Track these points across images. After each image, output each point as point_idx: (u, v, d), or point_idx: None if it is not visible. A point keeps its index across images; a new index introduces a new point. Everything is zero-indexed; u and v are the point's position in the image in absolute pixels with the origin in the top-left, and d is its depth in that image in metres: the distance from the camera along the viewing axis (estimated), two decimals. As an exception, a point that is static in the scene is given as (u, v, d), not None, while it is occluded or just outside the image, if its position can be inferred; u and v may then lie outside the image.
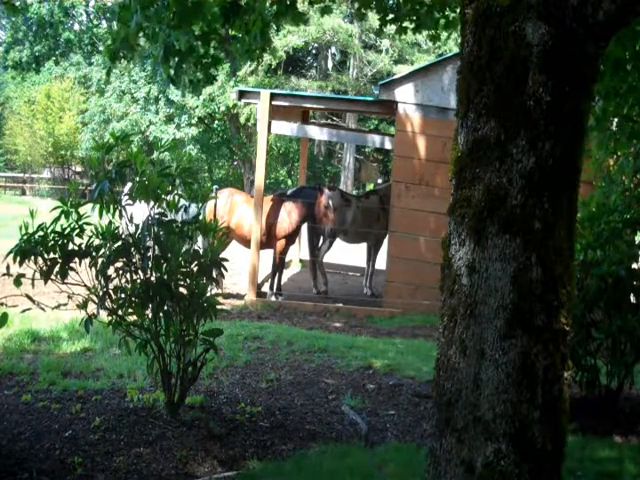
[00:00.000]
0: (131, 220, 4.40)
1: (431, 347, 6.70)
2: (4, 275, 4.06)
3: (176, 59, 5.01)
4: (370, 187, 25.72)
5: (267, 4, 5.19)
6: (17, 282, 4.00)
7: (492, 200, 2.29)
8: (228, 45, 5.50)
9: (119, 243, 4.30)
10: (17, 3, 5.26)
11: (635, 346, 4.95)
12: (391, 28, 6.42)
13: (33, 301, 4.07)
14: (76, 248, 4.22)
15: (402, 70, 20.71)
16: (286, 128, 11.26)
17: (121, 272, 4.36)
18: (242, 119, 28.63)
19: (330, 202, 10.28)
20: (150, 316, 4.41)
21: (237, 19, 5.05)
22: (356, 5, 6.03)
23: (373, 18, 7.53)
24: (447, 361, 2.39)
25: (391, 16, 5.98)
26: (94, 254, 4.27)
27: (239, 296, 10.60)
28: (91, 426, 4.36)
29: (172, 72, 5.12)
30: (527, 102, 2.25)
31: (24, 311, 4.16)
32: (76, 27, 42.50)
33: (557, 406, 2.31)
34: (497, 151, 2.29)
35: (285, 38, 26.80)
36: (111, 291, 4.32)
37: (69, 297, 4.23)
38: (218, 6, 4.92)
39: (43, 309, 4.22)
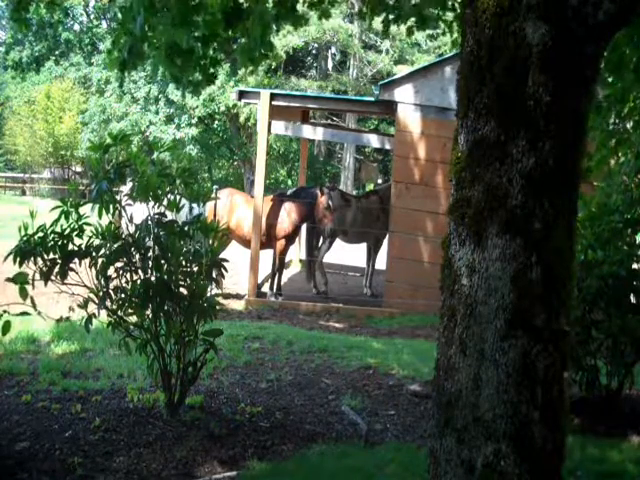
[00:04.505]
0: (131, 220, 4.40)
1: (431, 347, 6.70)
2: (8, 281, 4.06)
3: (179, 60, 5.01)
4: (370, 187, 25.70)
5: (268, 7, 5.19)
6: (22, 291, 3.99)
7: (492, 200, 2.29)
8: (229, 48, 5.51)
9: (119, 243, 4.30)
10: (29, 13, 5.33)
11: (635, 346, 4.95)
12: (394, 29, 6.45)
13: (35, 308, 4.04)
14: (76, 248, 4.22)
15: (402, 70, 20.71)
16: (286, 128, 11.27)
17: (121, 272, 4.36)
18: (242, 119, 28.65)
19: (330, 202, 10.28)
20: (150, 316, 4.41)
21: (239, 23, 5.05)
22: (367, 12, 6.05)
23: (376, 19, 7.55)
24: (447, 361, 2.39)
25: (392, 17, 5.99)
26: (94, 254, 4.27)
27: (239, 296, 10.61)
28: (91, 426, 4.36)
29: (176, 72, 5.13)
30: (527, 102, 2.25)
31: (22, 314, 4.11)
32: (76, 27, 42.48)
33: (557, 406, 2.31)
34: (497, 151, 2.29)
35: (285, 38, 26.80)
36: (111, 291, 4.32)
37: (71, 309, 4.24)
38: (220, 11, 4.92)
39: (44, 319, 4.19)
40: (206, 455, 4.10)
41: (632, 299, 5.09)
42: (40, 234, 4.11)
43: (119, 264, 4.35)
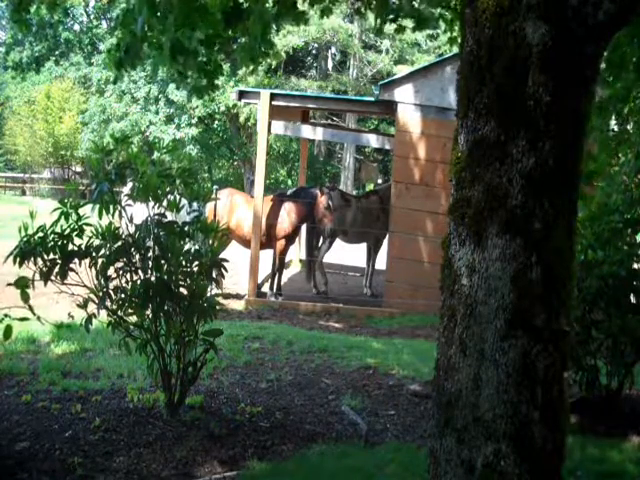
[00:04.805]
0: (131, 220, 4.40)
1: (431, 347, 6.70)
2: (9, 285, 4.05)
3: (182, 58, 5.01)
4: (370, 187, 25.69)
5: (268, 6, 5.18)
6: (23, 294, 3.99)
7: (492, 200, 2.29)
8: (229, 48, 5.50)
9: (119, 243, 4.30)
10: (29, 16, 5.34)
11: (635, 346, 4.95)
12: (390, 28, 6.45)
13: (34, 313, 4.03)
14: (76, 249, 4.22)
15: (402, 70, 20.71)
16: (285, 128, 11.27)
17: (121, 272, 4.36)
18: (242, 119, 28.64)
19: (330, 202, 10.28)
20: (150, 316, 4.41)
21: (239, 23, 5.05)
22: (366, 12, 6.05)
23: (373, 18, 7.53)
24: (447, 361, 2.39)
25: (391, 16, 5.99)
26: (94, 254, 4.27)
27: (239, 296, 10.61)
28: (91, 426, 4.36)
29: (180, 68, 5.12)
30: (527, 102, 2.25)
31: (22, 319, 4.09)
32: (76, 27, 42.47)
33: (557, 406, 2.31)
34: (497, 151, 2.29)
35: (285, 38, 26.79)
36: (111, 291, 4.32)
37: (71, 317, 4.22)
38: (220, 11, 4.92)
39: (42, 323, 4.19)
40: (206, 455, 4.10)
41: (632, 299, 5.09)
42: (40, 234, 4.11)
43: (119, 264, 4.35)
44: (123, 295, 4.34)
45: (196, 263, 4.47)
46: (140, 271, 4.37)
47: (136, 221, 4.41)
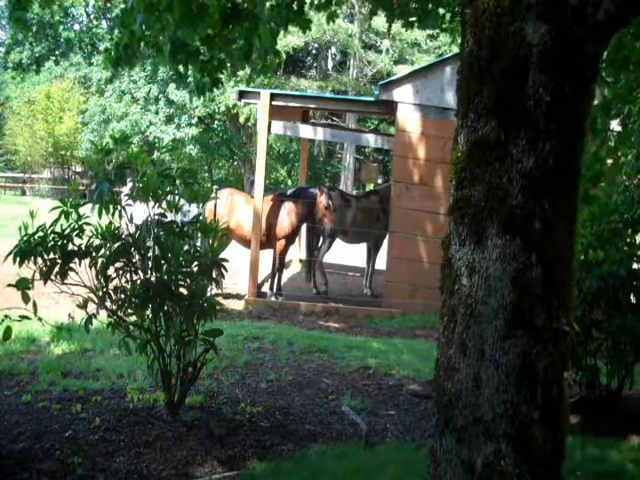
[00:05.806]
0: (131, 220, 4.40)
1: (431, 347, 6.70)
2: (9, 286, 4.06)
3: (183, 57, 5.01)
4: (370, 187, 25.68)
5: (272, 11, 5.18)
6: (24, 296, 3.99)
7: (492, 200, 2.29)
8: (229, 49, 5.50)
9: (119, 243, 4.30)
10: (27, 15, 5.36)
11: (635, 346, 4.95)
12: (395, 29, 6.49)
13: (36, 313, 4.03)
14: (76, 248, 4.22)
15: (402, 70, 20.70)
16: (285, 128, 11.27)
17: (121, 272, 4.36)
18: (242, 119, 28.65)
19: (330, 202, 10.28)
20: (150, 316, 4.41)
21: (237, 25, 5.05)
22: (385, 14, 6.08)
23: (375, 18, 7.54)
24: (447, 361, 2.39)
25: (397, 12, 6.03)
26: (94, 254, 4.28)
27: (239, 296, 10.61)
28: (91, 426, 4.36)
29: (181, 68, 5.13)
30: (527, 102, 2.25)
31: (23, 318, 4.08)
32: (76, 27, 42.48)
33: (557, 406, 2.30)
34: (497, 151, 2.28)
35: (285, 38, 26.79)
36: (111, 291, 4.32)
37: (71, 317, 4.23)
38: (217, 11, 4.92)
39: (43, 325, 4.19)
40: (206, 455, 4.10)
41: (632, 299, 5.10)
42: (40, 234, 4.11)
43: (119, 264, 4.35)
44: (123, 295, 4.34)
45: (196, 263, 4.48)
46: (140, 271, 4.37)
47: (136, 221, 4.41)
